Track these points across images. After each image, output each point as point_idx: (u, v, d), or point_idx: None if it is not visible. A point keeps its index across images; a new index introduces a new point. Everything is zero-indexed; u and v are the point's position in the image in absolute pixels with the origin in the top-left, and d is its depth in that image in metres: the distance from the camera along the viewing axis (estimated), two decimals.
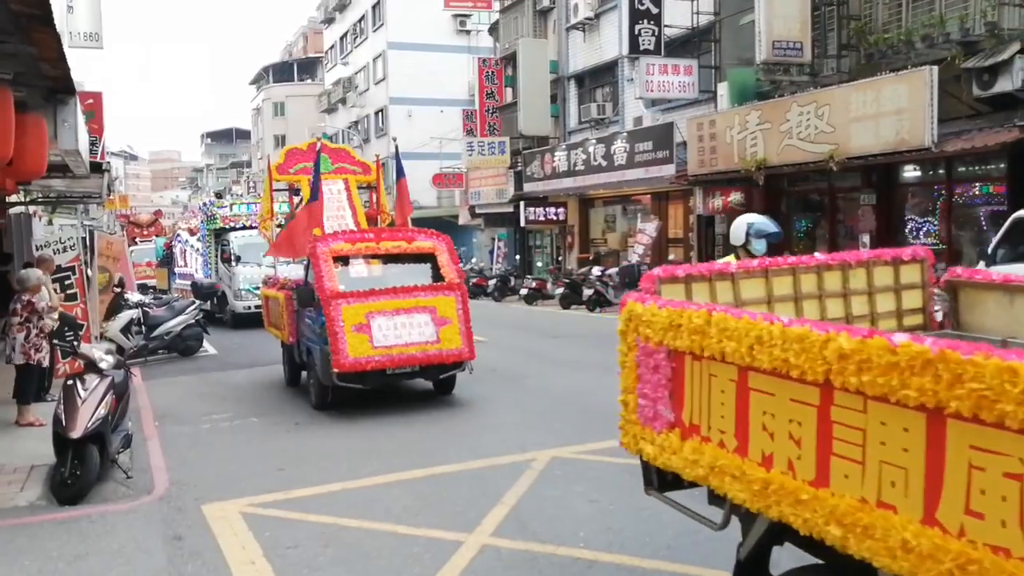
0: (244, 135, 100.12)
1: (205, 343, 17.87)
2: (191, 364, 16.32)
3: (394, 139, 16.03)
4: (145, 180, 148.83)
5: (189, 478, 8.13)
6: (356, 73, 57.43)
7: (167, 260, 29.72)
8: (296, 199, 14.62)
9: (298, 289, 11.38)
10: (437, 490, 7.41)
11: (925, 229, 18.18)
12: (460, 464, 8.15)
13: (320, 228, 12.50)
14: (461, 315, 10.72)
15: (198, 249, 25.76)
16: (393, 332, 10.24)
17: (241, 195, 55.13)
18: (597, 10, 28.20)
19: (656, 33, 22.53)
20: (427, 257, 11.36)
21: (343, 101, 58.46)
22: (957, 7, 15.85)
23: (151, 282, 31.42)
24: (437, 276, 11.14)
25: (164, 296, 23.77)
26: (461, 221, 38.65)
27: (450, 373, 11.00)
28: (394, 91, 50.49)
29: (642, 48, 22.50)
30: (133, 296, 18.41)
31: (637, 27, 22.47)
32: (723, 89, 21.52)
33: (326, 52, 66.83)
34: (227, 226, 24.03)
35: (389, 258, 11.29)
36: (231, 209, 24.68)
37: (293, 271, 18.84)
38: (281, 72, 78.08)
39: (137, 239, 37.75)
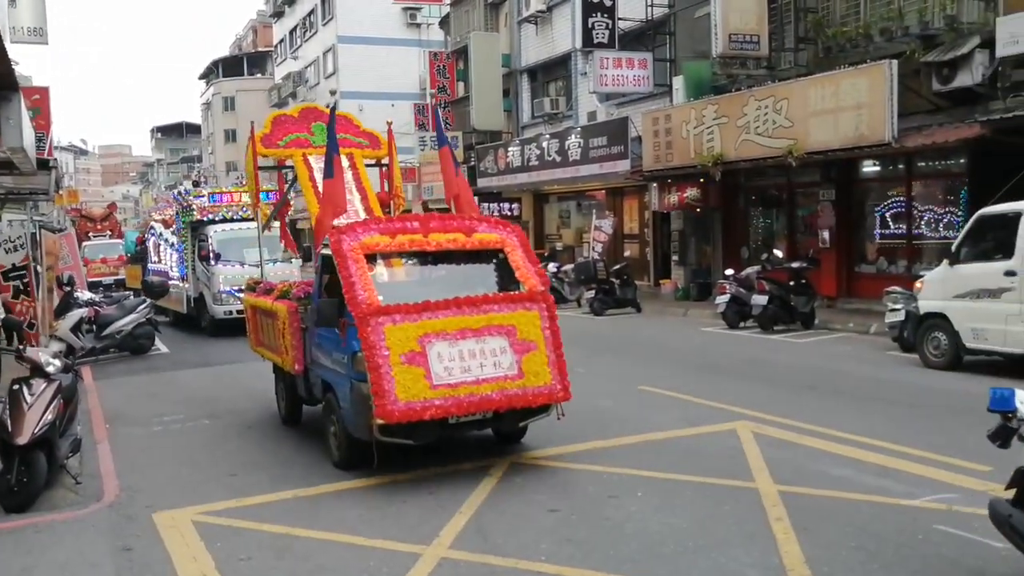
0: (194, 129, 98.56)
1: (157, 341, 17.78)
2: (142, 363, 16.11)
3: (431, 93, 13.31)
4: (95, 175, 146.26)
5: (140, 484, 7.97)
6: (306, 67, 56.61)
7: (140, 256, 27.08)
8: (287, 181, 12.20)
9: (319, 303, 8.03)
10: (393, 499, 7.18)
11: (885, 225, 17.85)
12: (417, 471, 7.87)
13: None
14: (549, 337, 7.69)
15: (173, 244, 22.11)
16: (459, 364, 7.25)
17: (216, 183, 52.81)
18: (549, 3, 27.63)
19: (610, 26, 21.99)
20: (492, 255, 8.29)
21: (293, 95, 57.42)
22: (916, 0, 15.47)
23: (108, 279, 30.06)
24: (506, 281, 8.14)
25: (114, 295, 22.36)
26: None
27: (532, 420, 7.91)
28: (345, 85, 49.68)
29: (596, 41, 21.95)
30: (83, 294, 17.84)
31: (590, 20, 21.90)
32: (678, 83, 21.06)
33: (276, 46, 65.73)
34: (205, 218, 20.23)
35: (441, 256, 8.14)
36: (209, 199, 20.87)
37: (281, 271, 17.08)
38: (231, 66, 76.79)
39: (91, 234, 36.20)
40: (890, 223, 17.66)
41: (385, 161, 11.32)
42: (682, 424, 8.99)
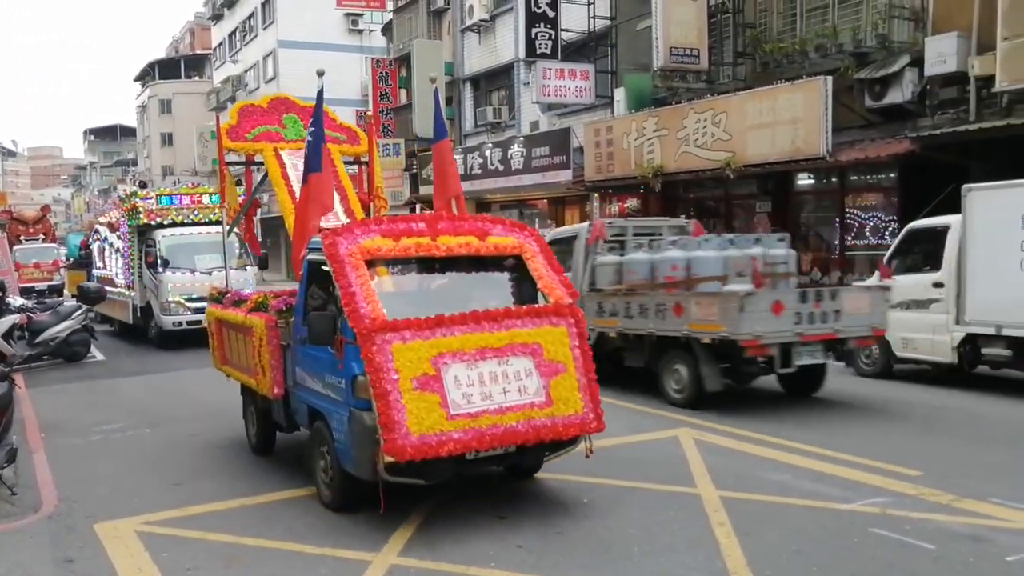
0: (129, 132, 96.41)
1: (93, 349, 17.51)
2: (78, 371, 15.70)
3: (431, 78, 11.12)
4: (25, 177, 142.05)
5: (80, 494, 7.74)
6: (246, 71, 55.74)
7: (85, 261, 26.00)
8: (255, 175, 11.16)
9: (310, 316, 6.91)
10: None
11: (819, 237, 18.32)
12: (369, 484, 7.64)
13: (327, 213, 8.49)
14: (579, 357, 6.69)
15: (119, 249, 20.68)
16: (479, 389, 6.22)
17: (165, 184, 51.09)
18: (492, 12, 27.75)
19: (553, 37, 22.19)
20: (508, 261, 7.31)
21: (232, 99, 56.44)
22: (849, 18, 15.98)
23: (42, 285, 29.10)
24: (524, 291, 7.19)
25: (48, 301, 21.52)
26: None
27: (559, 454, 6.88)
28: (285, 90, 48.82)
29: (539, 52, 22.12)
30: (15, 300, 17.48)
31: (534, 30, 22.08)
32: (620, 95, 21.33)
33: (215, 49, 64.67)
34: (153, 222, 18.88)
35: (449, 263, 7.19)
36: (158, 201, 19.41)
37: (235, 280, 16.25)
38: (168, 69, 75.36)
39: (22, 237, 34.89)
40: (824, 235, 18.14)
41: (365, 158, 10.41)
42: (626, 431, 9.11)
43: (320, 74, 8.75)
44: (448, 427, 6.01)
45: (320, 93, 8.20)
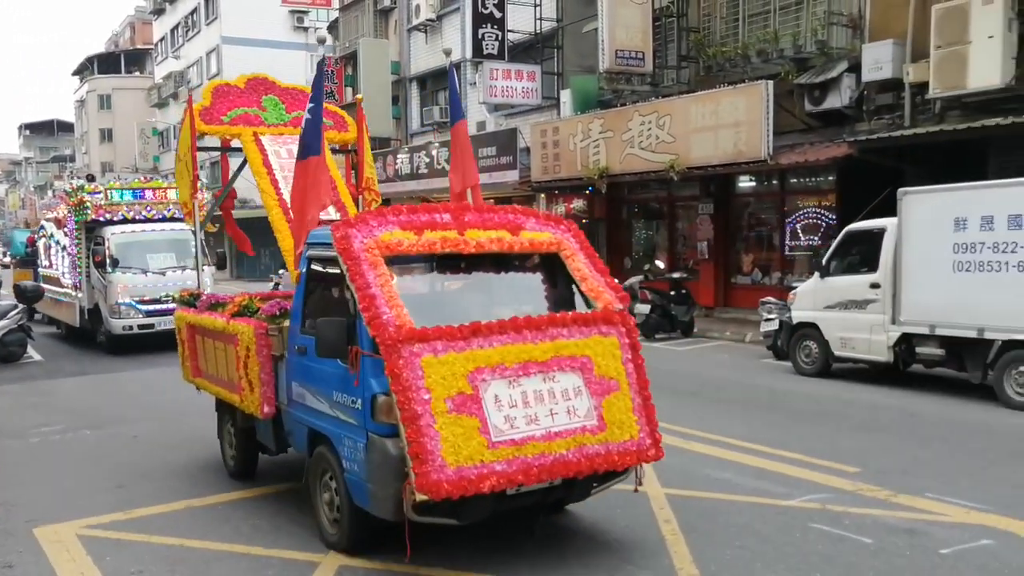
0: (67, 128, 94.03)
1: (30, 349, 17.17)
2: (15, 372, 15.39)
3: (446, 52, 9.72)
4: None
5: (18, 498, 7.58)
6: (189, 67, 54.83)
7: (31, 259, 24.67)
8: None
9: (319, 323, 5.64)
10: (291, 507, 7.01)
11: (760, 238, 18.66)
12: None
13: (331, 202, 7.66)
14: (632, 373, 5.83)
15: (65, 247, 19.22)
16: (523, 411, 5.30)
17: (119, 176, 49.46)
18: (439, 12, 27.72)
19: (499, 38, 22.23)
20: (545, 260, 6.41)
21: (175, 96, 55.59)
22: (790, 24, 16.30)
23: None
24: (561, 295, 6.29)
25: None
26: None
27: (608, 485, 5.93)
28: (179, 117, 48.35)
29: (485, 52, 22.14)
30: None
31: (480, 31, 22.09)
32: (566, 96, 21.47)
33: (156, 44, 63.47)
34: (101, 218, 17.66)
35: (476, 262, 6.19)
36: (107, 196, 18.07)
37: (191, 281, 15.43)
38: (107, 63, 73.69)
39: None
40: (765, 236, 18.49)
41: (354, 146, 9.37)
42: None
43: (321, 42, 7.76)
44: (489, 457, 5.04)
45: (321, 64, 7.21)
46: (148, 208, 18.03)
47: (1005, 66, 12.74)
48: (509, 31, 22.41)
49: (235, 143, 9.06)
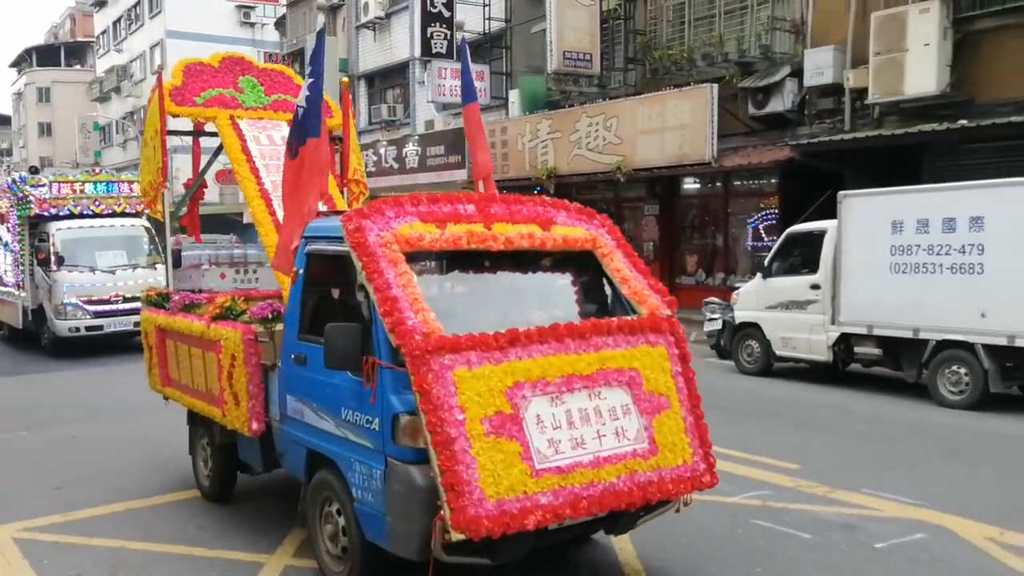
0: (4, 121, 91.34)
1: None
2: None
3: (459, 25, 8.60)
4: None
5: None
6: (132, 61, 53.75)
7: None
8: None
9: (329, 329, 4.83)
10: (236, 508, 6.93)
11: (704, 239, 18.92)
12: (261, 478, 7.38)
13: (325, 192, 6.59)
14: (683, 388, 5.21)
15: (7, 243, 18.09)
16: (567, 433, 4.63)
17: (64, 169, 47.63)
18: (388, 10, 27.58)
19: (448, 36, 22.20)
20: (579, 259, 5.68)
21: (117, 90, 54.45)
22: (735, 29, 16.57)
23: None
24: (597, 299, 5.70)
25: None
26: (246, 219, 36.53)
27: (654, 515, 5.20)
28: (147, 97, 47.55)
29: (434, 51, 22.10)
30: None
31: (429, 30, 22.04)
32: (514, 96, 21.54)
33: (98, 37, 62.10)
34: (46, 213, 16.56)
35: (502, 260, 5.44)
36: (52, 189, 16.89)
37: (142, 280, 14.98)
38: (46, 55, 71.83)
39: None
40: (709, 237, 18.76)
41: (339, 133, 8.49)
42: None
43: (320, 32, 6.91)
44: (533, 488, 4.36)
45: (321, 35, 6.41)
46: (96, 203, 17.00)
47: (940, 73, 13.11)
48: (459, 29, 22.39)
49: (209, 127, 8.28)
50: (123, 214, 17.14)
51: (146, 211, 8.61)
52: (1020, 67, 12.75)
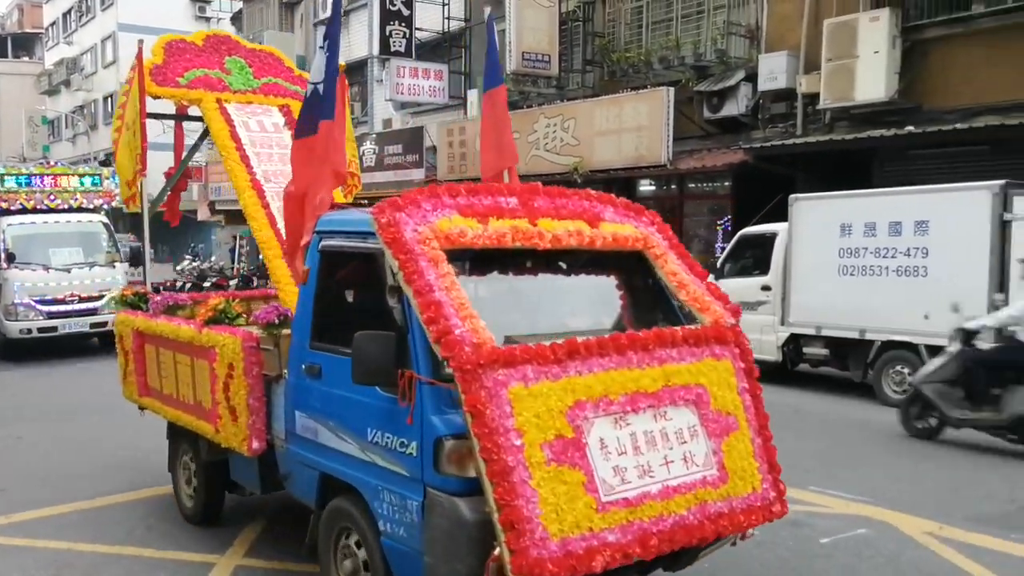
0: None
1: None
2: None
3: (486, 6, 7.97)
4: None
5: None
6: (82, 54, 52.78)
7: None
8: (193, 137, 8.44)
9: (359, 338, 4.18)
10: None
11: None
12: None
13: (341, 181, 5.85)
14: (750, 406, 4.75)
15: None
16: (633, 460, 4.09)
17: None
18: (346, 7, 27.40)
19: (407, 35, 22.15)
20: (628, 260, 5.10)
21: (67, 83, 53.42)
22: (691, 33, 16.77)
23: None
24: (650, 305, 5.14)
25: None
26: (200, 217, 36.39)
27: (716, 548, 4.64)
28: (125, 76, 46.74)
29: (393, 50, 22.03)
30: None
31: (388, 28, 21.97)
32: (473, 96, 21.53)
33: (47, 29, 60.88)
34: None
35: (545, 259, 4.80)
36: (2, 183, 16.25)
37: (99, 279, 14.74)
38: None
39: None
40: None
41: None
42: None
43: (337, 2, 6.11)
44: (600, 523, 3.81)
45: (337, 3, 5.53)
46: (51, 197, 16.33)
47: (889, 80, 13.42)
48: (417, 29, 22.37)
49: (193, 110, 7.67)
50: (80, 209, 16.55)
51: (126, 206, 7.85)
52: (965, 76, 13.10)
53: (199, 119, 7.67)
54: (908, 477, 7.73)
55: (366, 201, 7.28)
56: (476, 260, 4.55)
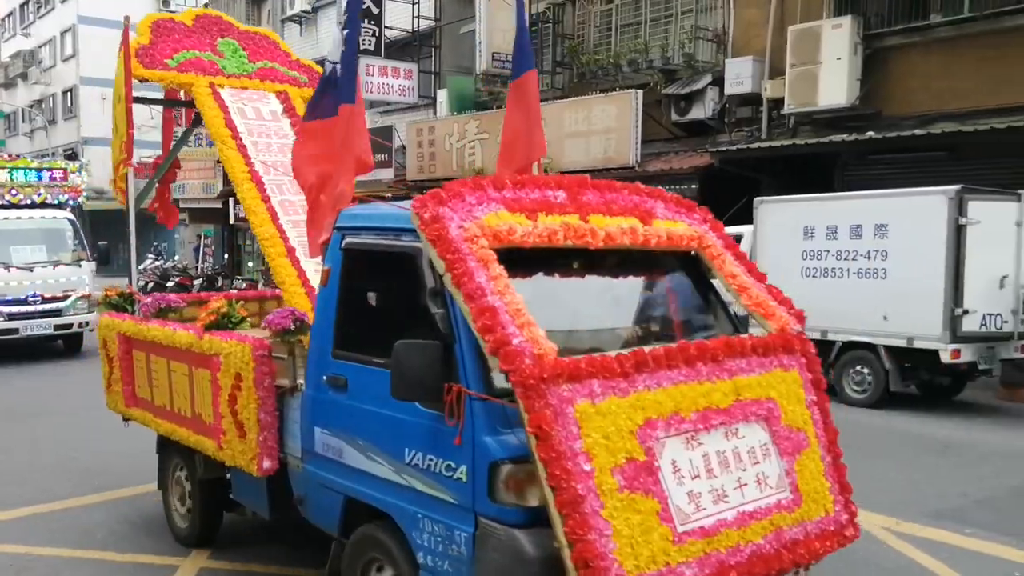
0: None
1: None
2: None
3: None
4: None
5: None
6: (40, 46, 51.92)
7: None
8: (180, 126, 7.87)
9: (399, 348, 3.66)
10: (146, 511, 6.73)
11: None
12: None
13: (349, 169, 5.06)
14: (819, 421, 4.40)
15: None
16: (707, 483, 3.72)
17: None
18: (315, 4, 27.38)
19: (377, 34, 22.18)
20: (680, 260, 4.83)
21: (24, 76, 52.46)
22: (659, 37, 17.05)
23: None
24: (703, 309, 4.87)
25: None
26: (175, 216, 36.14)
27: None
28: (86, 70, 46.10)
29: (362, 48, 22.06)
30: None
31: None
32: (443, 96, 21.66)
33: (3, 20, 59.69)
34: None
35: (595, 259, 4.30)
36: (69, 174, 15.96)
37: (64, 279, 14.36)
38: None
39: None
40: None
41: None
42: None
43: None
44: (676, 556, 3.44)
45: None
46: (12, 191, 15.51)
47: (851, 86, 13.77)
48: (387, 27, 22.40)
49: (182, 94, 7.20)
50: (44, 205, 15.81)
51: (116, 197, 7.13)
52: (924, 83, 13.49)
53: (189, 104, 7.20)
54: (865, 474, 7.94)
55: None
56: (518, 259, 3.92)
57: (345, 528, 4.41)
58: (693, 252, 4.73)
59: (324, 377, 4.45)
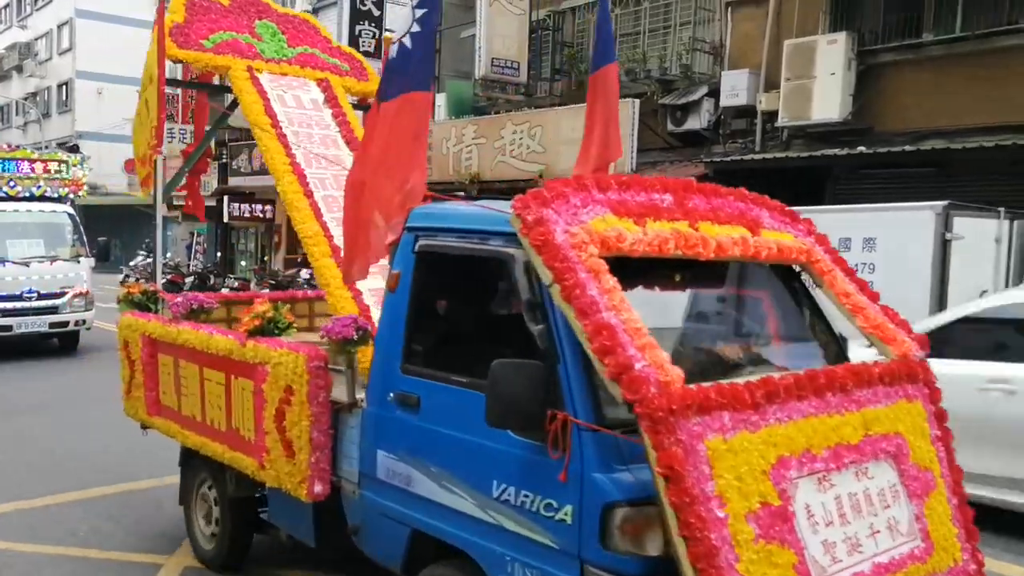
0: None
1: None
2: None
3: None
4: None
5: None
6: (36, 39, 51.89)
7: None
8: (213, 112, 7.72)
9: (496, 367, 3.21)
10: (131, 509, 6.84)
11: None
12: (157, 479, 7.39)
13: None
14: (944, 458, 3.99)
15: None
16: (840, 531, 3.29)
17: None
18: (315, 4, 27.51)
19: (377, 35, 22.38)
20: (784, 274, 4.55)
21: (19, 69, 52.44)
22: (658, 47, 17.31)
23: None
24: (807, 328, 4.54)
25: None
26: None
27: None
28: (82, 64, 46.19)
29: (362, 49, 22.17)
30: None
31: (358, 27, 22.20)
32: (441, 100, 21.84)
33: None
34: None
35: (696, 269, 3.94)
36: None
37: (61, 275, 14.16)
38: None
39: None
40: None
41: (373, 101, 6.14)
42: None
43: None
44: None
45: None
46: (10, 183, 15.18)
47: (844, 102, 14.04)
48: (387, 29, 22.57)
49: (217, 77, 6.82)
50: (43, 198, 15.61)
51: (141, 188, 6.87)
52: (915, 100, 13.77)
53: (227, 89, 6.74)
54: None
55: None
56: (616, 268, 3.42)
57: (409, 564, 4.00)
58: (798, 268, 4.34)
59: (391, 394, 4.04)
